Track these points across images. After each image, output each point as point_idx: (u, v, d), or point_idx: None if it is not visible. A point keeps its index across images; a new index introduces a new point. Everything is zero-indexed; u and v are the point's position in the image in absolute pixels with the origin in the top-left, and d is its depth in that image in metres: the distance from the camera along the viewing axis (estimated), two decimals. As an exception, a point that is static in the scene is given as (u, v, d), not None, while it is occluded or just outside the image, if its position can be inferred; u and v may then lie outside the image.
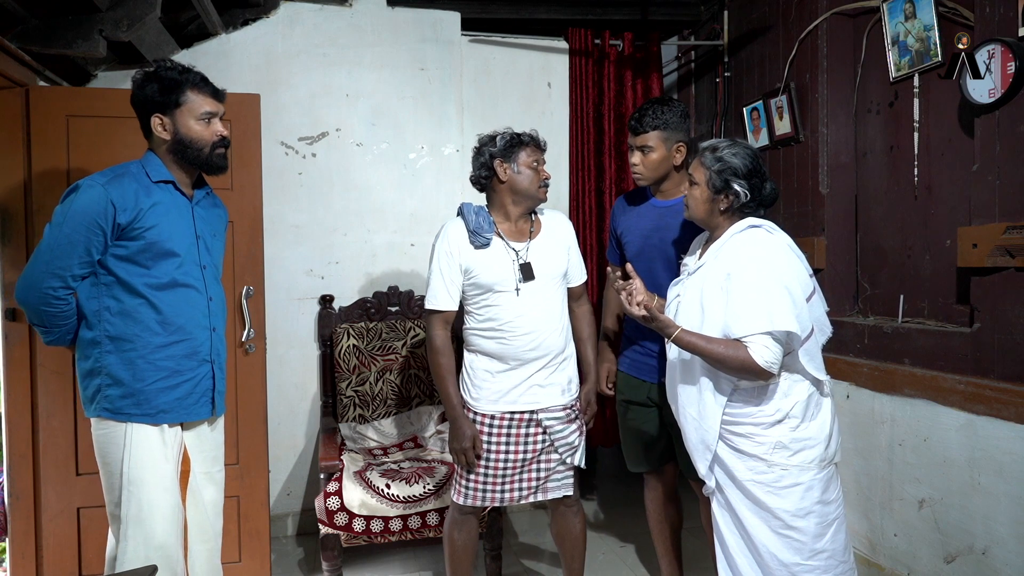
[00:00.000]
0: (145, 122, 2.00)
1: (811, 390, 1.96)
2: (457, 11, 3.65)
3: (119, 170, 1.97)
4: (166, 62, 2.00)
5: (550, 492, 2.36)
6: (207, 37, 3.32)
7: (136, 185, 1.95)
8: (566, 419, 2.34)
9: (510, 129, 2.34)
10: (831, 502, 1.96)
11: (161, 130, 1.97)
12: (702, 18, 4.00)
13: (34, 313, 1.93)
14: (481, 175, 2.32)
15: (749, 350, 1.84)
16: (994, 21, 2.23)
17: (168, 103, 1.95)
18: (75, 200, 1.88)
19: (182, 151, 1.99)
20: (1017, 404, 2.15)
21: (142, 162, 2.01)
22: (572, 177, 3.76)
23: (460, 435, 2.27)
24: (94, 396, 1.95)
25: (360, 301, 3.43)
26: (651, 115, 2.34)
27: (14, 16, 2.52)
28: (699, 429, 2.00)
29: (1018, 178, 2.18)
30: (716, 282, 1.95)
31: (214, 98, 2.02)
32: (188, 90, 1.96)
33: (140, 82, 1.97)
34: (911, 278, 2.77)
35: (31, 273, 1.90)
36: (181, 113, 1.96)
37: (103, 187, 1.89)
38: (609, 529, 3.47)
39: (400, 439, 3.22)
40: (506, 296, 2.26)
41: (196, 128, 1.98)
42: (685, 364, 2.04)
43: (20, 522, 2.67)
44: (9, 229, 2.63)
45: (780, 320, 1.84)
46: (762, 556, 1.94)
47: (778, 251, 1.95)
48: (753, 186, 1.99)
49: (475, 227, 2.26)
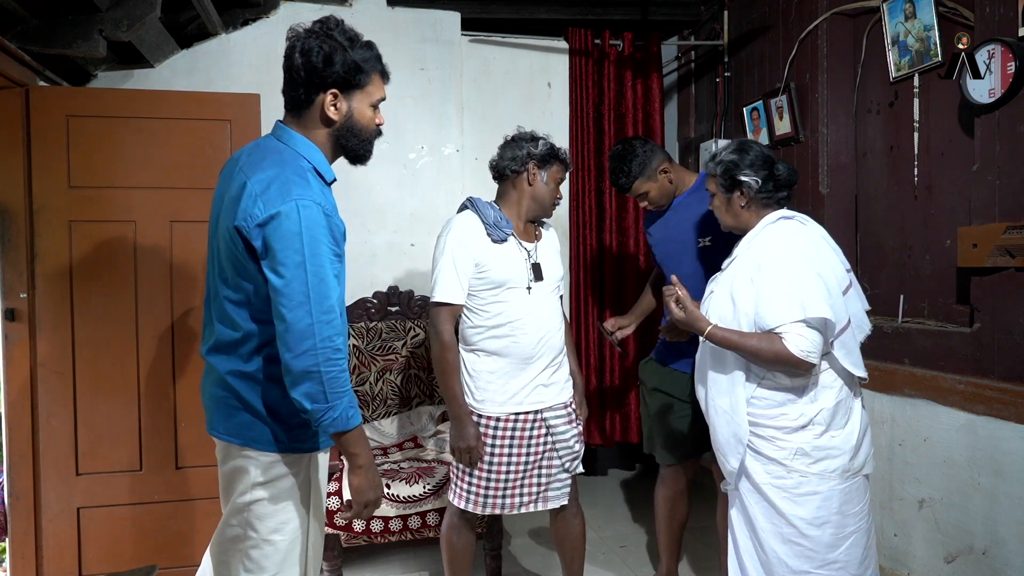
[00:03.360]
0: (307, 95, 1.63)
1: (839, 398, 1.91)
2: (457, 11, 3.65)
3: (303, 174, 1.59)
4: (342, 26, 1.64)
5: (550, 502, 2.34)
6: (207, 37, 3.32)
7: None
8: (567, 419, 2.34)
9: (549, 138, 2.35)
10: (851, 514, 1.91)
11: (333, 110, 1.64)
12: (702, 18, 4.00)
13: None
14: (510, 167, 2.31)
15: (784, 341, 1.80)
16: (994, 21, 2.23)
17: (351, 82, 1.64)
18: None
19: (347, 138, 1.69)
20: (1017, 404, 2.15)
21: (302, 153, 1.63)
22: (572, 177, 3.76)
23: (464, 434, 2.24)
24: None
25: (360, 301, 3.42)
26: (624, 175, 2.48)
27: (14, 16, 2.52)
28: (731, 423, 1.95)
29: (1018, 178, 2.18)
30: (747, 273, 1.93)
31: (386, 84, 1.75)
32: (375, 72, 1.68)
33: (324, 52, 1.59)
34: (911, 278, 2.77)
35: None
36: (360, 95, 1.67)
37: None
38: (609, 529, 3.47)
39: (400, 439, 3.22)
40: (518, 293, 2.25)
41: (368, 115, 1.70)
42: (716, 355, 2.00)
43: (20, 522, 2.66)
44: (9, 229, 2.63)
45: (813, 307, 1.80)
46: (770, 560, 1.92)
47: (811, 241, 1.93)
48: (763, 173, 1.98)
49: (494, 221, 2.25)
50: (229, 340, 1.65)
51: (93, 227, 2.66)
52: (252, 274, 1.57)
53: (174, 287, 2.74)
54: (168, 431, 2.75)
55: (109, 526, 2.70)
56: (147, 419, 2.73)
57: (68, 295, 2.65)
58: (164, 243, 2.72)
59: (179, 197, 2.69)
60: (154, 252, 2.72)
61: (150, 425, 2.73)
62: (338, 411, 1.53)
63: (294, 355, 1.50)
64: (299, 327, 1.50)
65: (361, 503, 1.64)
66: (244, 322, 1.63)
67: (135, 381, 2.72)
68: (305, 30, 1.63)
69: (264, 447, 1.65)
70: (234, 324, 1.64)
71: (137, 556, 2.71)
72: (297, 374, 1.51)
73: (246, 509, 1.67)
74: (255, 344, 1.61)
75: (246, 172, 1.59)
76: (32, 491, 2.66)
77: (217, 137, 2.72)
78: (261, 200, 1.52)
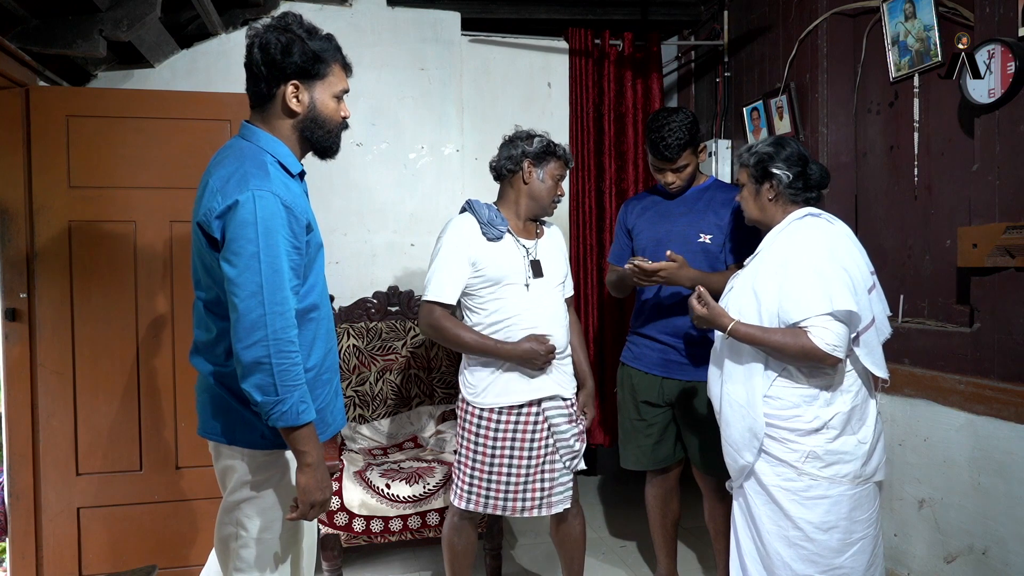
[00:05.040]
0: (268, 88, 1.65)
1: (855, 403, 1.90)
2: (457, 11, 3.65)
3: (263, 167, 1.59)
4: (300, 20, 1.66)
5: (554, 507, 2.32)
6: (207, 37, 3.32)
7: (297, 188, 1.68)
8: (568, 417, 2.33)
9: (547, 134, 2.35)
10: (860, 520, 1.89)
11: (295, 102, 1.65)
12: (702, 18, 4.00)
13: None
14: (506, 167, 2.32)
15: (809, 335, 1.78)
16: (994, 21, 2.23)
17: (311, 72, 1.64)
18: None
19: (311, 129, 1.70)
20: (1017, 404, 2.15)
21: (265, 147, 1.64)
22: (572, 177, 3.76)
23: (519, 348, 2.20)
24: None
25: (360, 301, 3.42)
26: (677, 138, 2.37)
27: (14, 16, 2.52)
28: (746, 416, 1.92)
29: (1018, 178, 2.18)
30: (771, 268, 1.91)
31: (348, 76, 1.77)
32: (335, 62, 1.69)
33: (282, 44, 1.60)
34: (911, 278, 2.77)
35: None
36: (322, 86, 1.67)
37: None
38: (609, 529, 3.47)
39: (400, 439, 3.22)
40: (516, 289, 2.26)
41: (332, 105, 1.71)
42: (732, 349, 1.98)
43: (20, 522, 2.66)
44: (9, 229, 2.63)
45: (839, 300, 1.78)
46: (773, 563, 1.91)
47: (837, 238, 1.92)
48: (795, 169, 1.98)
49: (488, 219, 2.27)
50: (206, 341, 1.65)
51: (93, 227, 2.66)
52: (217, 271, 1.57)
53: (174, 287, 2.74)
54: (168, 431, 2.75)
55: (109, 526, 2.70)
56: (147, 419, 2.73)
57: (68, 295, 2.65)
58: (164, 243, 2.72)
59: (179, 197, 2.69)
60: (154, 252, 2.72)
61: (150, 425, 2.73)
62: (288, 405, 1.51)
63: (244, 345, 1.48)
64: (251, 317, 1.48)
65: (308, 503, 1.60)
66: (215, 322, 1.62)
67: (135, 381, 2.72)
68: (264, 26, 1.64)
69: (249, 445, 1.65)
70: (207, 325, 1.63)
71: (137, 556, 2.71)
72: (247, 365, 1.49)
73: (236, 508, 1.67)
74: (228, 343, 1.59)
75: (210, 171, 1.61)
76: (32, 491, 2.66)
77: (217, 137, 2.72)
78: (220, 194, 1.53)
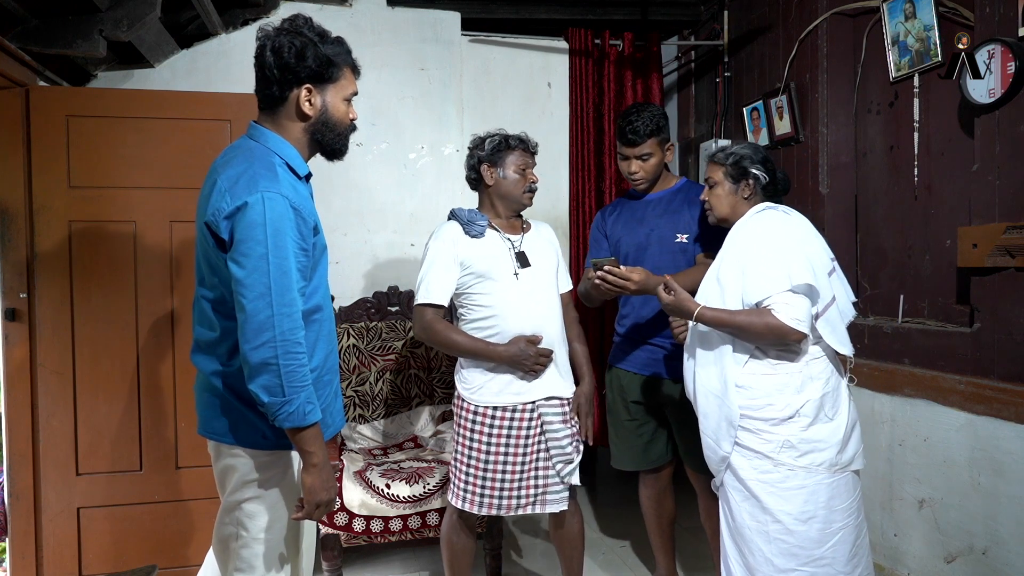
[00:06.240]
0: (280, 91, 1.65)
1: (826, 389, 1.93)
2: (457, 11, 3.65)
3: (272, 168, 1.60)
4: (311, 23, 1.66)
5: (549, 505, 2.33)
6: (207, 37, 3.32)
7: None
8: (562, 417, 2.33)
9: (503, 131, 2.38)
10: (839, 510, 1.91)
11: (308, 105, 1.66)
12: (702, 18, 4.00)
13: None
14: (471, 176, 2.40)
15: (774, 312, 1.85)
16: (994, 21, 2.23)
17: (324, 76, 1.66)
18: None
19: (322, 132, 1.71)
20: (1017, 404, 2.15)
21: (273, 148, 1.66)
22: (572, 177, 3.76)
23: (507, 350, 2.23)
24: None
25: (360, 301, 3.42)
26: (644, 123, 2.42)
27: (14, 16, 2.52)
28: (722, 406, 1.97)
29: (1018, 178, 2.18)
30: (733, 256, 1.99)
31: (357, 79, 1.78)
32: (346, 66, 1.70)
33: (296, 48, 1.60)
34: (911, 278, 2.77)
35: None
36: (334, 89, 1.69)
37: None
38: (608, 529, 3.47)
39: (400, 439, 3.22)
40: (505, 281, 2.29)
41: (343, 109, 1.72)
42: (703, 338, 2.03)
43: (20, 522, 2.66)
44: (9, 229, 2.63)
45: (798, 275, 1.86)
46: (756, 560, 1.92)
47: (795, 225, 2.00)
48: (768, 170, 2.08)
49: (469, 218, 2.32)
50: (208, 340, 1.65)
51: (93, 227, 2.66)
52: (223, 271, 1.57)
53: (174, 287, 2.73)
54: (168, 431, 2.75)
55: (109, 526, 2.70)
56: (147, 419, 2.73)
57: (68, 295, 2.65)
58: (164, 243, 2.72)
59: (179, 197, 2.69)
60: (154, 252, 2.72)
61: (150, 425, 2.73)
62: (295, 405, 1.52)
63: (252, 347, 1.49)
64: (259, 319, 1.49)
65: (313, 503, 1.61)
66: (220, 321, 1.62)
67: (135, 381, 2.72)
68: (275, 28, 1.65)
69: (251, 445, 1.65)
70: (211, 324, 1.63)
71: (137, 556, 2.71)
72: (255, 366, 1.49)
73: (237, 508, 1.67)
74: (232, 342, 1.60)
75: (218, 171, 1.61)
76: (32, 491, 2.66)
77: (217, 137, 2.72)
78: (229, 194, 1.54)
